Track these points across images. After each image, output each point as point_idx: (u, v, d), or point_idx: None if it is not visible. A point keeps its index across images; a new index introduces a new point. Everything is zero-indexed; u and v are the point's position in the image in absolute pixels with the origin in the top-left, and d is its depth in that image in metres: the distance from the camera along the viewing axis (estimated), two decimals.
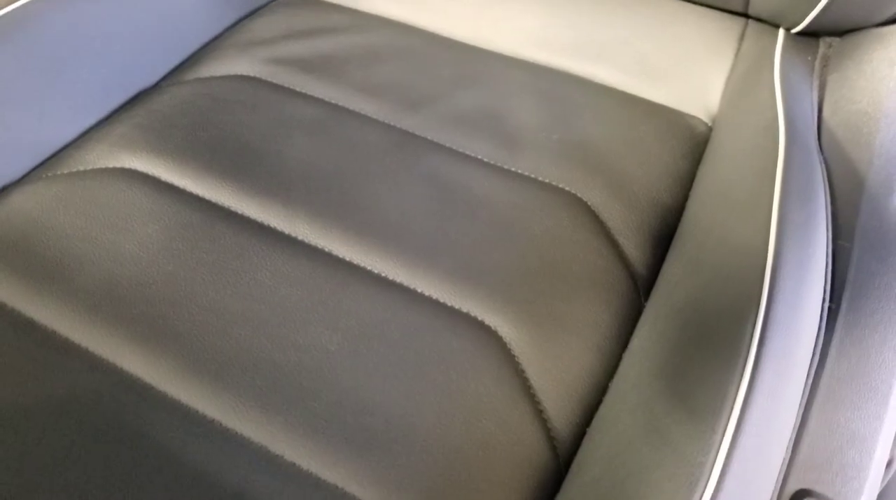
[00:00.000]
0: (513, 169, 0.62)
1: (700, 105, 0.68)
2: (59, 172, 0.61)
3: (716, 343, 0.43)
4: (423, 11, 0.79)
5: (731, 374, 0.40)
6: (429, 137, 0.65)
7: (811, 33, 0.64)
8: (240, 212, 0.58)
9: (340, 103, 0.68)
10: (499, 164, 0.63)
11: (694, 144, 0.65)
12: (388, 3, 0.80)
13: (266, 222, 0.57)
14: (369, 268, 0.54)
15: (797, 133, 0.55)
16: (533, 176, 0.62)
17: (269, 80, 0.70)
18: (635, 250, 0.57)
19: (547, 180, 0.61)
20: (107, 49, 0.69)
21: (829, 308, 0.47)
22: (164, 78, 0.73)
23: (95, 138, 0.64)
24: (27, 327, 0.51)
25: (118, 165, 0.62)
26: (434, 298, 0.53)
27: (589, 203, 0.60)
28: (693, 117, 0.68)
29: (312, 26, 0.77)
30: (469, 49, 0.76)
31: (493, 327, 0.51)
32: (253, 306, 0.52)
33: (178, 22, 0.74)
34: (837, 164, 0.56)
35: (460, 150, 0.64)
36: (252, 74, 0.71)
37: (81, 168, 0.62)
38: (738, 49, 0.69)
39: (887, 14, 0.56)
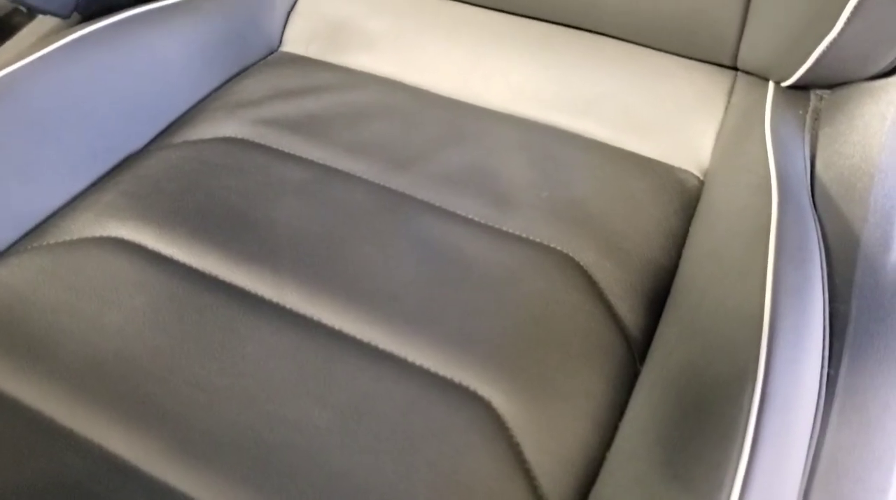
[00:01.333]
0: (504, 228, 0.62)
1: (691, 159, 0.68)
2: (44, 243, 0.61)
3: (713, 418, 0.42)
4: (411, 68, 0.79)
5: (730, 451, 0.39)
6: (418, 197, 0.64)
7: (802, 87, 0.64)
8: (227, 280, 0.57)
9: (329, 163, 0.67)
10: (489, 223, 0.62)
11: (686, 199, 0.64)
12: (375, 59, 0.80)
13: (254, 291, 0.57)
14: (359, 337, 0.54)
15: (790, 191, 0.55)
16: (524, 235, 0.61)
17: (257, 141, 0.70)
18: (629, 311, 0.56)
19: (538, 240, 0.61)
20: (94, 114, 0.68)
21: (828, 374, 0.47)
22: (153, 141, 0.72)
23: (82, 206, 0.64)
24: (12, 406, 0.50)
25: (105, 233, 0.61)
26: (426, 367, 0.52)
27: (581, 263, 0.59)
28: (684, 171, 0.67)
29: (300, 85, 0.76)
30: (458, 105, 0.75)
31: (486, 399, 0.50)
32: (240, 382, 0.51)
33: (165, 84, 0.74)
34: (832, 221, 0.55)
35: (450, 209, 0.63)
36: (240, 136, 0.71)
37: (67, 238, 0.61)
38: (728, 102, 0.69)
39: (877, 68, 0.56)
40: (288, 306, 0.56)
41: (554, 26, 0.77)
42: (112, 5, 0.77)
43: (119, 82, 0.71)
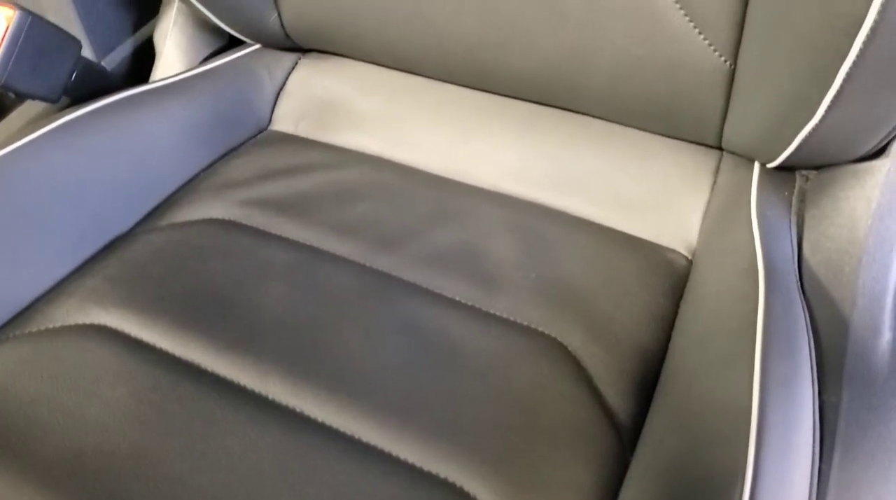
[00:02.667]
0: (491, 311, 0.61)
1: (679, 238, 0.68)
2: (26, 331, 0.60)
3: None
4: (399, 145, 0.79)
5: None
6: (404, 278, 0.64)
7: (788, 167, 0.64)
8: (210, 369, 0.57)
9: (315, 244, 0.67)
10: (476, 305, 0.62)
11: (674, 280, 0.64)
12: (364, 138, 0.81)
13: (237, 381, 0.56)
14: (343, 430, 0.53)
15: (777, 275, 0.54)
16: (511, 318, 0.61)
17: (244, 222, 0.70)
18: (618, 397, 0.56)
19: (525, 323, 0.60)
20: (82, 198, 0.68)
21: (820, 469, 0.46)
22: (139, 223, 0.72)
23: (66, 292, 0.63)
24: None
25: (88, 321, 0.60)
26: (411, 462, 0.51)
27: (569, 347, 0.58)
28: (672, 251, 0.67)
29: (287, 165, 0.77)
30: (445, 183, 0.75)
31: (472, 495, 0.49)
32: (221, 478, 0.49)
33: (154, 166, 0.74)
34: (820, 306, 0.54)
35: (436, 290, 0.63)
36: (227, 217, 0.70)
37: (50, 325, 0.60)
38: (714, 182, 0.69)
39: (861, 151, 0.56)
40: (271, 396, 0.55)
41: (540, 106, 0.77)
42: (101, 87, 0.78)
43: (107, 166, 0.71)
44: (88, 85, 0.78)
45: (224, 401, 0.54)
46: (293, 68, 0.87)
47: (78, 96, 0.77)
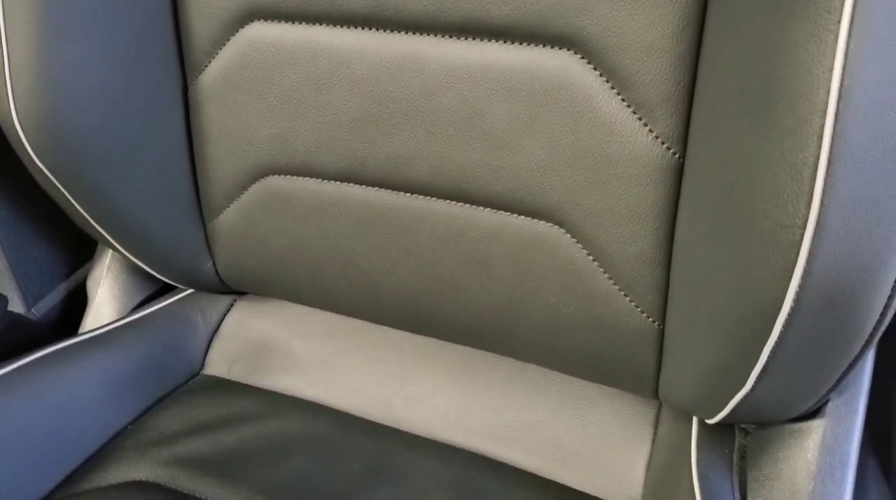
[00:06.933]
0: None
1: (622, 493, 0.65)
2: None
3: None
4: (335, 390, 0.77)
5: None
6: None
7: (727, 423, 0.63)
8: None
9: None
10: None
11: None
12: (299, 382, 0.79)
13: None
14: None
15: None
16: None
17: (169, 485, 0.66)
18: None
19: None
20: None
21: None
22: (59, 487, 0.68)
23: None
24: None
25: None
26: None
27: None
28: None
29: (219, 416, 0.74)
30: (382, 432, 0.73)
31: None
32: None
33: (77, 424, 0.71)
34: None
35: None
36: (151, 479, 0.67)
37: None
38: (655, 434, 0.68)
39: (797, 413, 0.56)
40: None
41: (479, 350, 0.76)
42: (29, 340, 0.76)
43: (28, 426, 0.67)
44: (15, 338, 0.76)
45: None
46: (228, 310, 0.86)
47: (3, 352, 0.74)
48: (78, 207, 0.71)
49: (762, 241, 0.44)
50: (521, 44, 0.57)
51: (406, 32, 0.61)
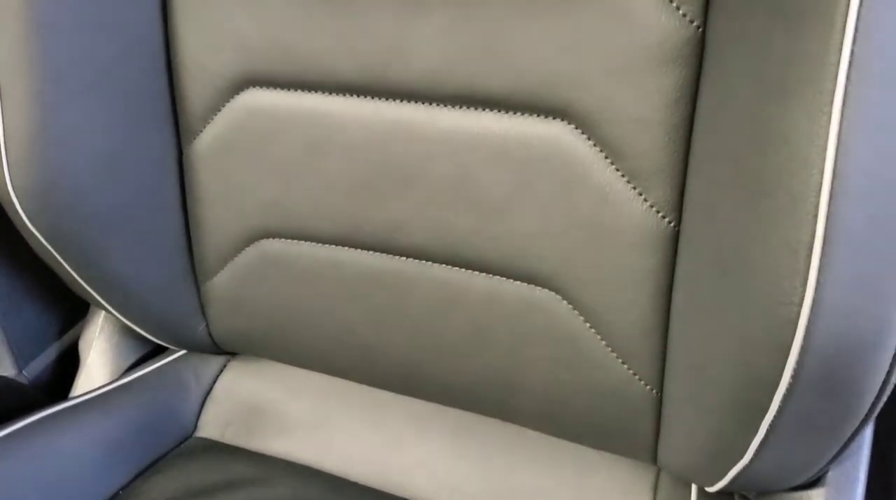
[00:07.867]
0: None
1: None
2: None
3: None
4: (330, 454, 0.76)
5: None
6: None
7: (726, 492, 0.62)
8: None
9: None
10: None
11: None
12: (293, 445, 0.78)
13: None
14: None
15: None
16: None
17: None
18: None
19: None
20: None
21: None
22: None
23: None
24: None
25: None
26: None
27: None
28: None
29: (209, 482, 0.73)
30: (377, 497, 0.72)
31: None
32: None
33: (67, 491, 0.69)
34: None
35: None
36: None
37: None
38: None
39: (799, 481, 0.55)
40: None
41: (476, 415, 0.76)
42: (20, 404, 0.75)
43: (16, 495, 0.66)
44: (6, 402, 0.75)
45: None
46: (221, 371, 0.85)
47: None
48: (71, 271, 0.70)
49: (759, 316, 0.44)
50: (515, 113, 0.57)
51: (401, 101, 0.61)
